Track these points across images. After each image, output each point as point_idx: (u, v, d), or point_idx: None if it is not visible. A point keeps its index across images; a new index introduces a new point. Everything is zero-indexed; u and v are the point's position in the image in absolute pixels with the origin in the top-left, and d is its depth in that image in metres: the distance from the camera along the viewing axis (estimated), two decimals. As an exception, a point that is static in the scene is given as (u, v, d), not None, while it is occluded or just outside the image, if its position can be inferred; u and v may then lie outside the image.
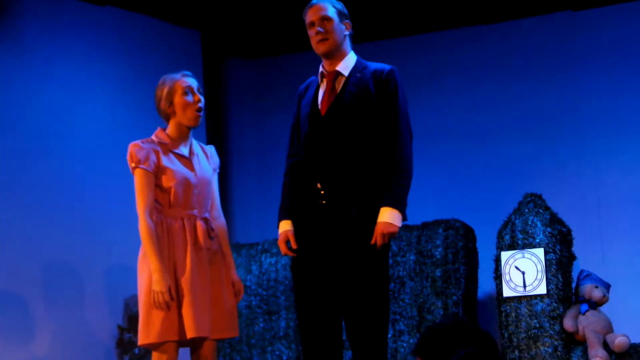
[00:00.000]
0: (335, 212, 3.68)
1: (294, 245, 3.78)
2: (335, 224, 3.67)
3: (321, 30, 3.73)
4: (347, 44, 3.81)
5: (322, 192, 3.69)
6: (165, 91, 3.87)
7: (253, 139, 6.74)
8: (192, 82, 3.91)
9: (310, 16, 3.79)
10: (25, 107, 5.30)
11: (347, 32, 3.80)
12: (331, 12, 3.76)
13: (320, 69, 3.84)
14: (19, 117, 5.26)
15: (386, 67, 3.78)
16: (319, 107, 3.77)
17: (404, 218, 3.70)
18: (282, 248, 3.80)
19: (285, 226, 3.81)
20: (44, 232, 5.22)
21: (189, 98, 3.88)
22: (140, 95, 5.50)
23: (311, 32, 3.78)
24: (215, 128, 6.57)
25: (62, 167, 5.39)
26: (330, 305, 3.71)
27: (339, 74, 3.77)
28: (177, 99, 3.87)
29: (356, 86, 3.72)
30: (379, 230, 3.61)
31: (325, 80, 3.80)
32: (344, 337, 3.79)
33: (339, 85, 3.76)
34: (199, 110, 3.89)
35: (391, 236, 3.64)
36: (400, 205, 3.65)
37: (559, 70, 5.91)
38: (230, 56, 6.74)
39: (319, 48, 3.76)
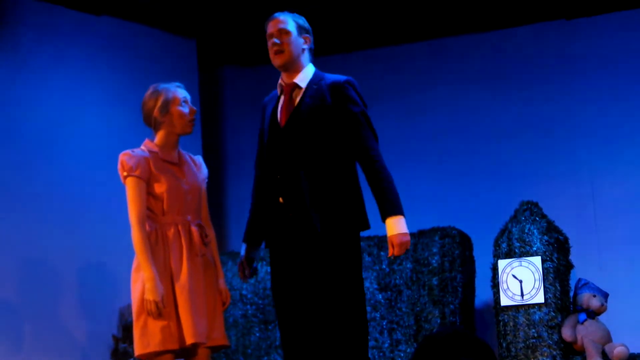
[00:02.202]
0: (299, 225, 3.70)
1: (247, 274, 3.92)
2: (300, 238, 3.69)
3: (277, 42, 3.77)
4: (306, 57, 3.84)
5: (286, 205, 3.71)
6: (160, 101, 3.91)
7: (249, 146, 6.70)
8: (187, 94, 3.99)
9: (269, 28, 3.84)
10: (21, 115, 5.30)
11: (305, 46, 3.83)
12: (290, 25, 3.80)
13: (279, 81, 3.87)
14: (14, 124, 5.26)
15: (342, 78, 3.81)
16: (279, 119, 3.80)
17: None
18: (240, 274, 3.95)
19: (244, 252, 3.95)
20: (36, 240, 5.21)
21: (186, 109, 3.93)
22: (136, 104, 5.48)
23: (269, 44, 3.83)
24: (211, 136, 6.57)
25: (56, 175, 5.39)
26: (309, 319, 3.73)
27: (296, 86, 3.81)
28: (174, 109, 3.91)
29: (312, 98, 3.75)
30: (395, 242, 3.64)
31: (283, 93, 3.83)
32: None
33: (297, 98, 3.79)
34: (193, 120, 3.96)
35: (407, 245, 3.66)
36: (401, 210, 3.69)
37: (553, 78, 5.92)
38: (226, 64, 6.74)
39: (275, 60, 3.81)
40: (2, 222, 5.10)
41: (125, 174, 3.84)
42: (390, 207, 3.66)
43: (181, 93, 3.96)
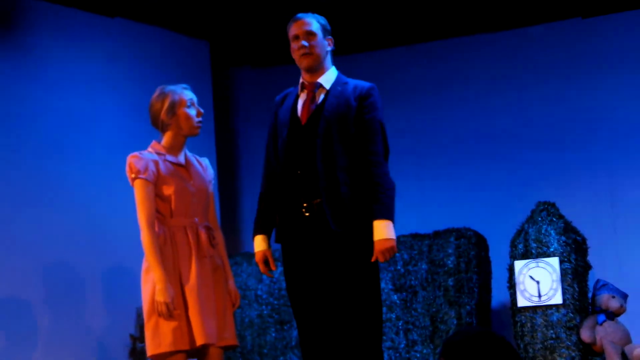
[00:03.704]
0: (315, 223, 3.68)
1: (272, 266, 3.83)
2: (316, 235, 3.68)
3: (305, 44, 3.78)
4: (329, 59, 3.87)
5: (304, 202, 3.69)
6: (167, 103, 3.91)
7: (262, 147, 6.70)
8: (193, 96, 3.98)
9: (294, 30, 3.85)
10: (36, 117, 5.32)
11: (329, 48, 3.86)
12: (315, 27, 3.82)
13: (301, 79, 3.87)
14: (29, 127, 5.28)
15: (366, 84, 3.84)
16: (299, 115, 3.79)
17: None
18: (261, 268, 3.86)
19: (262, 245, 3.86)
20: (56, 241, 5.24)
21: (193, 111, 3.93)
22: (150, 106, 5.52)
23: (294, 46, 3.84)
24: (224, 137, 6.57)
25: (74, 176, 5.41)
26: (326, 318, 3.71)
27: (320, 85, 3.81)
28: (181, 111, 3.91)
29: (337, 98, 3.76)
30: (378, 248, 3.64)
31: (305, 91, 3.83)
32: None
33: (320, 97, 3.79)
34: (200, 122, 3.96)
35: (392, 251, 3.64)
36: (391, 215, 3.68)
37: (570, 78, 5.89)
38: (239, 65, 6.74)
39: (302, 62, 3.81)
40: (26, 226, 5.13)
41: (133, 176, 3.85)
42: (380, 210, 3.66)
43: (187, 95, 3.94)
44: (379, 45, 6.31)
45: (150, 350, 3.77)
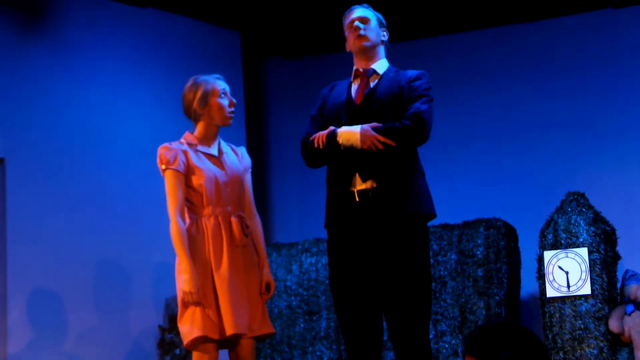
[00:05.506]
0: (368, 208, 3.67)
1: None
2: (368, 222, 3.67)
3: (361, 25, 3.83)
4: (382, 49, 3.91)
5: (356, 185, 3.67)
6: (199, 93, 3.92)
7: (293, 138, 6.74)
8: (226, 86, 3.99)
9: (349, 17, 3.90)
10: (69, 108, 5.36)
11: (384, 38, 3.92)
12: (370, 15, 3.90)
13: (354, 67, 3.89)
14: (62, 119, 5.32)
15: (418, 71, 3.88)
16: (354, 98, 3.81)
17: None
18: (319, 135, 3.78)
19: None
20: (85, 232, 5.28)
21: (225, 101, 3.94)
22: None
23: (351, 29, 3.86)
24: (254, 127, 6.59)
25: (105, 168, 5.45)
26: (370, 304, 3.71)
27: (374, 71, 3.84)
28: (213, 101, 3.92)
29: (390, 81, 3.80)
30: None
31: (359, 77, 3.86)
32: (384, 338, 3.80)
33: (374, 81, 3.83)
34: (232, 112, 3.97)
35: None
36: (383, 131, 3.63)
37: (601, 68, 5.85)
38: (270, 56, 6.75)
39: (356, 44, 3.83)
40: (49, 214, 5.17)
41: (163, 167, 3.88)
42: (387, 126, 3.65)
43: (220, 85, 3.96)
44: (408, 36, 6.30)
45: (184, 338, 3.79)
